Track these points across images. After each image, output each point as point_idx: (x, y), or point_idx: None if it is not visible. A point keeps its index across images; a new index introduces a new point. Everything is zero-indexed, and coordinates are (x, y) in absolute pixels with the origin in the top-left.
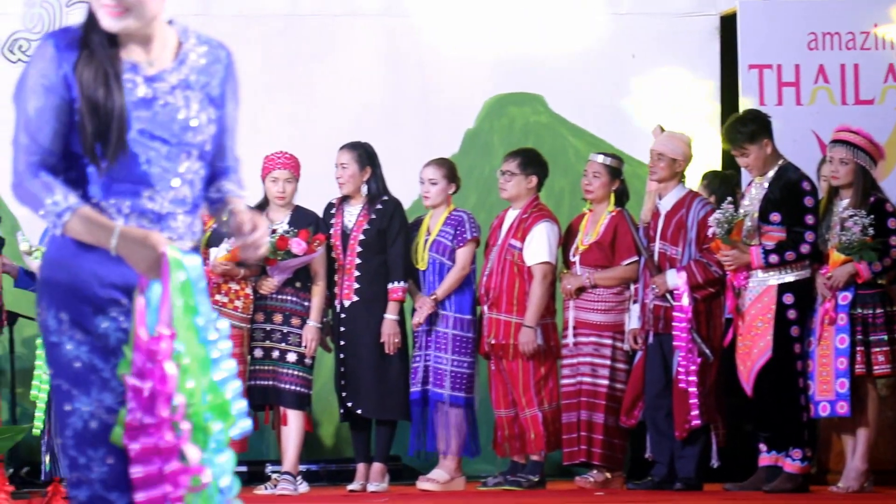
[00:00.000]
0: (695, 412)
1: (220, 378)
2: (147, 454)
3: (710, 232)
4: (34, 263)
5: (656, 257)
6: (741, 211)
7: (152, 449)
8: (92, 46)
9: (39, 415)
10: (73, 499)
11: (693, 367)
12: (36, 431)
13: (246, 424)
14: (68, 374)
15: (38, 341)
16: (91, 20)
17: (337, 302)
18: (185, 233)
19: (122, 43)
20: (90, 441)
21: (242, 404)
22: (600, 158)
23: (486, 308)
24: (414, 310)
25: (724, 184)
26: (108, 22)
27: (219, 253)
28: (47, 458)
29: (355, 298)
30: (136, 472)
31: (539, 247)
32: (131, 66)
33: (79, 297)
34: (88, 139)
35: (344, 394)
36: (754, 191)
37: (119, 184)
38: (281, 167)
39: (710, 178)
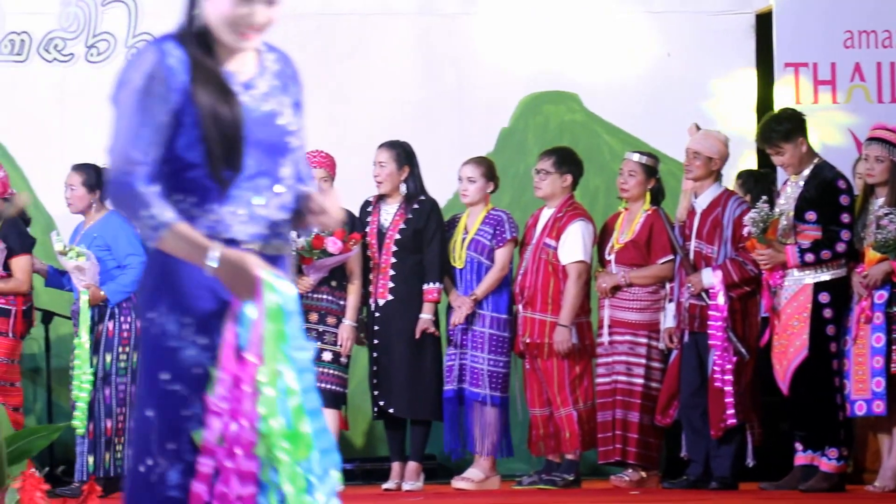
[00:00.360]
0: (730, 411)
1: (303, 408)
2: (214, 476)
3: (745, 231)
4: (69, 263)
5: (692, 256)
6: (777, 210)
7: (223, 471)
8: (199, 57)
9: (79, 414)
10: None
11: (729, 366)
12: (80, 431)
13: (334, 460)
14: (187, 379)
15: (77, 341)
16: (189, 28)
17: (371, 301)
18: (289, 237)
19: (219, 52)
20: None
21: (329, 439)
22: (636, 157)
23: (520, 307)
24: (449, 308)
25: (759, 182)
26: (236, 41)
27: None
28: (91, 459)
29: (390, 297)
30: (199, 489)
31: (574, 245)
32: (228, 76)
33: (205, 300)
34: (214, 152)
35: (376, 392)
36: (790, 189)
37: (233, 191)
38: (316, 166)
39: (746, 177)
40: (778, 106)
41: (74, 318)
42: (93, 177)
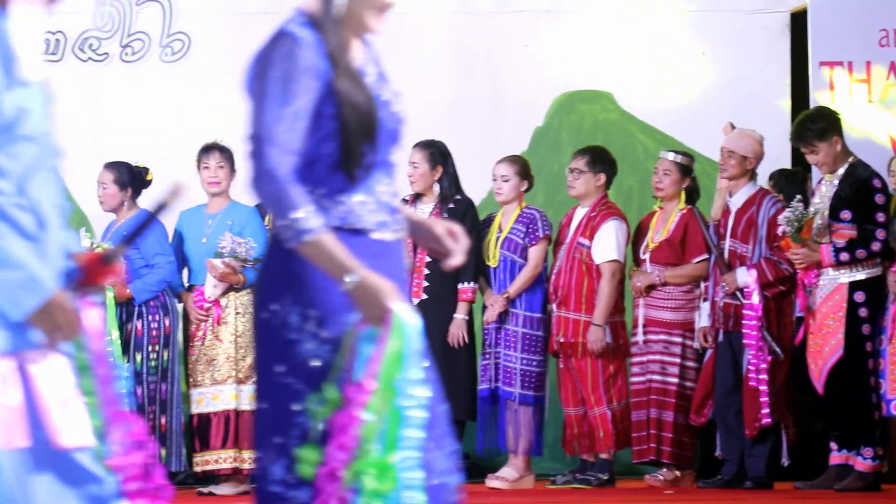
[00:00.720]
0: (765, 410)
1: (396, 441)
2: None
3: (780, 230)
4: None
5: (726, 255)
6: (811, 209)
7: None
8: (333, 44)
9: None
10: (290, 499)
11: (763, 366)
12: None
13: (413, 499)
14: (303, 372)
15: (105, 339)
16: (327, 11)
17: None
18: (404, 222)
19: (346, 37)
20: (319, 441)
21: (416, 476)
22: (671, 156)
23: (554, 306)
24: (484, 307)
25: (793, 182)
26: (374, 23)
27: None
28: None
29: (424, 297)
30: None
31: (607, 245)
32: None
33: (333, 292)
34: (353, 143)
35: None
36: (824, 188)
37: (363, 180)
38: None
39: (777, 177)
40: (813, 105)
41: None
42: (125, 175)
